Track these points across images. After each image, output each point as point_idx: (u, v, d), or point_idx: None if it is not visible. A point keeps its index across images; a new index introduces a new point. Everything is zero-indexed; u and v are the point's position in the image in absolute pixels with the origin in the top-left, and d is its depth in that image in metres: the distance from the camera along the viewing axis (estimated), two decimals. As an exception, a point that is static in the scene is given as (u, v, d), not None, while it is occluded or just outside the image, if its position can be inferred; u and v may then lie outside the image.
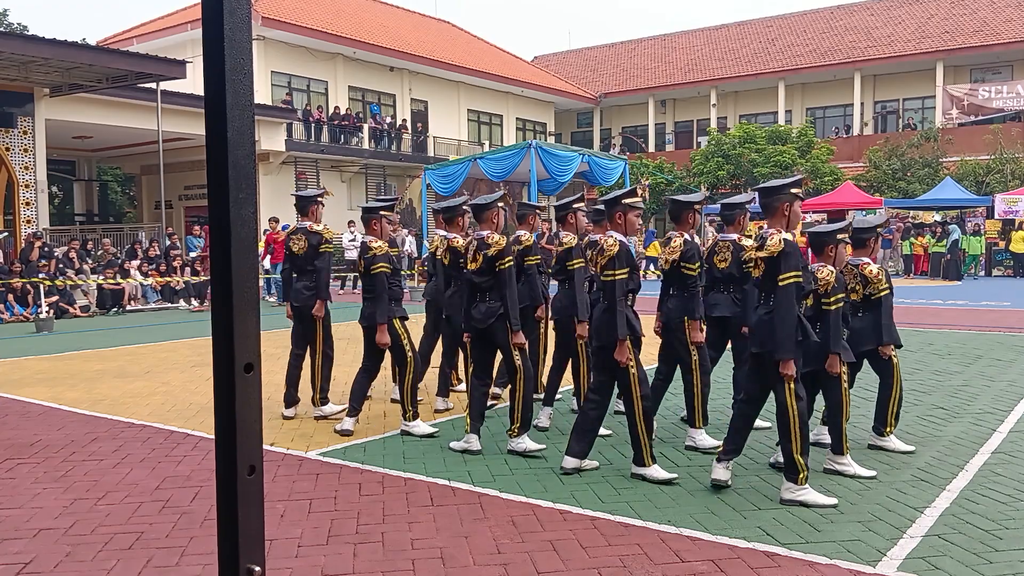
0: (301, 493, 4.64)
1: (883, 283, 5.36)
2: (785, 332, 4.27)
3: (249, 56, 1.10)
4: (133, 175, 28.35)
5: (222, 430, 1.12)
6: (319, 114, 26.62)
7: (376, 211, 6.20)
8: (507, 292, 5.34)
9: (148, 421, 6.48)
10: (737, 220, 6.04)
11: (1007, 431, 5.88)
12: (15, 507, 4.45)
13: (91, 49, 18.05)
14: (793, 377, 4.34)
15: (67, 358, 10.03)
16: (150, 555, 3.76)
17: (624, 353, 4.71)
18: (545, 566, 3.59)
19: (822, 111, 36.07)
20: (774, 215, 4.53)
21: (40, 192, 18.00)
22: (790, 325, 4.29)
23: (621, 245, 4.81)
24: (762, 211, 4.62)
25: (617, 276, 4.74)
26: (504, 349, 5.44)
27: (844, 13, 37.44)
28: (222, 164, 1.09)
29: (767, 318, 4.39)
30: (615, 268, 4.75)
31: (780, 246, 4.33)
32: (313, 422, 6.43)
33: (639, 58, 41.34)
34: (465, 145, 32.06)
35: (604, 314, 4.82)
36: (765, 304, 4.46)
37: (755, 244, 4.57)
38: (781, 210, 4.52)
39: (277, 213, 23.68)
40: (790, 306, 4.30)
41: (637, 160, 31.23)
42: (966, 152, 28.29)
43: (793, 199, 4.55)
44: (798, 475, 4.36)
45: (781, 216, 4.51)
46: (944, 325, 12.07)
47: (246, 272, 1.11)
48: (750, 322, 4.79)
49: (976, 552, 3.69)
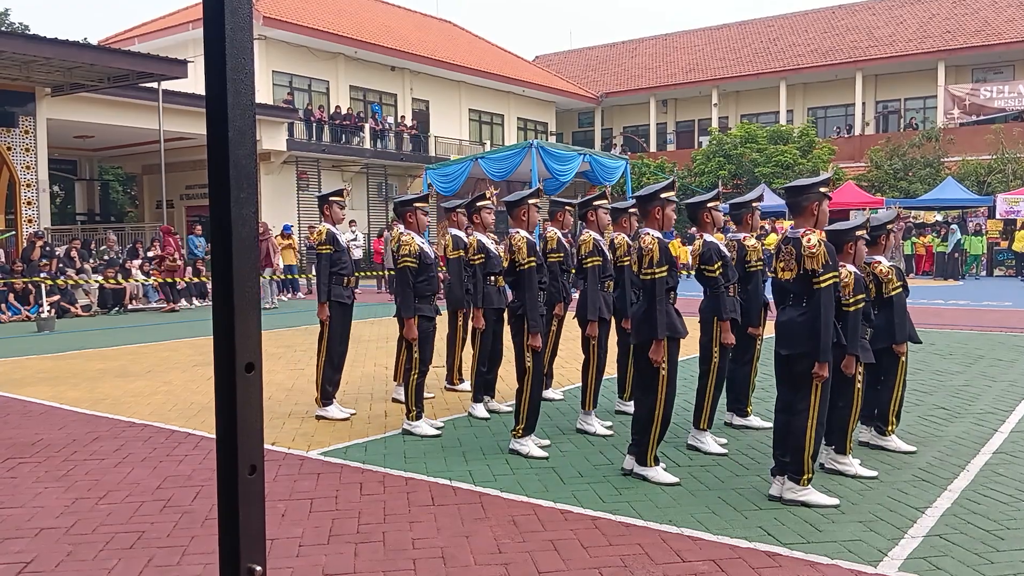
0: (302, 493, 4.64)
1: (895, 281, 5.35)
2: (827, 334, 4.22)
3: (250, 56, 1.10)
4: (134, 175, 28.35)
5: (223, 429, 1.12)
6: (320, 114, 26.62)
7: (410, 203, 6.17)
8: (527, 293, 5.33)
9: (149, 420, 6.48)
10: (745, 219, 6.05)
11: (1008, 431, 5.88)
12: (16, 506, 4.46)
13: (92, 49, 18.06)
14: (826, 379, 4.31)
15: (68, 357, 10.04)
16: (151, 554, 3.76)
17: (659, 353, 4.66)
18: (546, 566, 3.59)
19: (823, 111, 36.05)
20: (802, 214, 4.47)
21: (41, 191, 18.01)
22: (831, 327, 4.25)
23: (660, 242, 4.75)
24: (789, 210, 4.57)
25: (657, 274, 4.68)
26: (518, 348, 5.43)
27: (846, 13, 37.42)
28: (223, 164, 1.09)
29: (801, 319, 4.33)
30: (655, 266, 4.69)
31: (820, 247, 4.28)
32: (314, 422, 6.43)
33: (640, 58, 41.33)
34: (466, 145, 32.06)
35: (644, 312, 4.76)
36: (796, 306, 4.40)
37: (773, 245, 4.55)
38: (810, 209, 4.46)
39: (278, 212, 23.75)
40: (831, 307, 4.26)
41: (638, 160, 31.22)
42: (968, 152, 28.27)
43: (822, 198, 4.49)
44: (802, 476, 4.35)
45: (810, 215, 4.45)
46: (945, 325, 12.06)
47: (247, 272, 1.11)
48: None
49: (977, 552, 3.69)
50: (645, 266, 4.72)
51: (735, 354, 5.98)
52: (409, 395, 5.97)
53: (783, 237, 4.54)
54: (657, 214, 4.91)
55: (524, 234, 5.46)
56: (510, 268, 5.48)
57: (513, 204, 5.68)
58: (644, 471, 4.80)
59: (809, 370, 4.29)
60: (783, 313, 4.51)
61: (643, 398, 4.82)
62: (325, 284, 6.45)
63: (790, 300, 4.46)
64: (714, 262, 5.44)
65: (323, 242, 6.47)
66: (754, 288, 5.91)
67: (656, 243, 4.73)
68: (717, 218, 5.75)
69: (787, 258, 4.43)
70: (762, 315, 5.97)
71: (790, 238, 4.46)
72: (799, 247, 4.35)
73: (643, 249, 4.75)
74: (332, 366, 6.57)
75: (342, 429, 6.19)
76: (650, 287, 4.70)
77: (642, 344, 4.79)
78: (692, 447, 5.49)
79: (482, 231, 6.72)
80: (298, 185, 25.71)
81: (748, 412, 6.13)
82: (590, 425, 5.99)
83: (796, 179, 5.05)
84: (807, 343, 4.28)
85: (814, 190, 4.51)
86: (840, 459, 4.92)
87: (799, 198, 4.51)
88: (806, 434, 4.33)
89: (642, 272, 4.75)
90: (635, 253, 4.88)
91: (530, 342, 5.30)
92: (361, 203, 27.39)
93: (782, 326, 4.47)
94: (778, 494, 4.42)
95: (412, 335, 5.88)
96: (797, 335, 4.34)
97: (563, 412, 6.64)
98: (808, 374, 4.31)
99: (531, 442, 5.42)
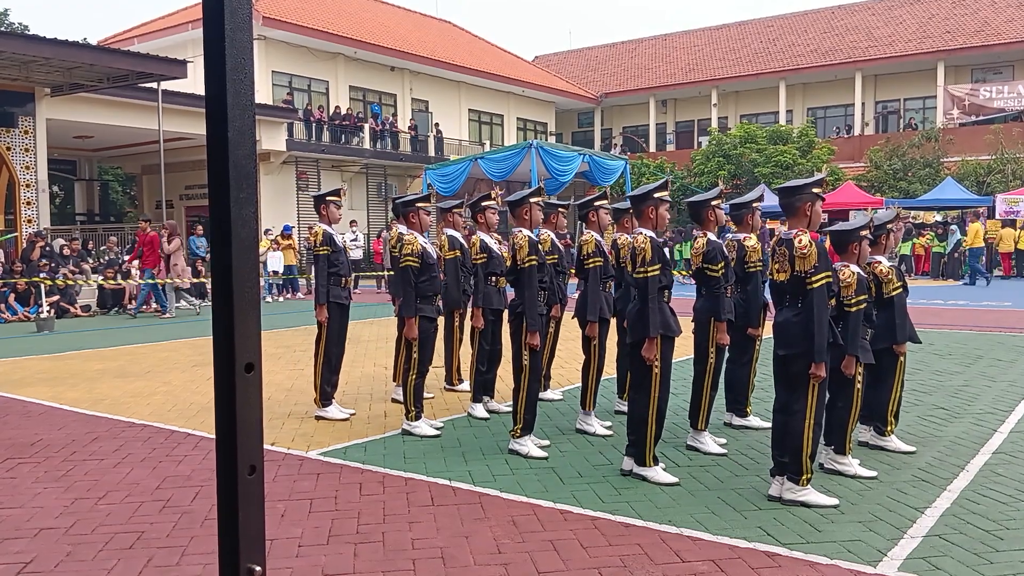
0: (302, 493, 4.64)
1: (895, 281, 5.36)
2: (822, 334, 4.24)
3: (250, 56, 1.10)
4: (134, 175, 28.34)
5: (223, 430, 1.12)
6: (320, 114, 26.62)
7: (412, 204, 6.18)
8: (526, 291, 5.34)
9: (149, 421, 6.48)
10: (746, 219, 6.05)
11: (1008, 431, 5.88)
12: (16, 506, 4.45)
13: (92, 49, 18.05)
14: (823, 379, 4.33)
15: (68, 358, 10.03)
16: (151, 555, 3.76)
17: (652, 351, 4.69)
18: (546, 566, 3.59)
19: (823, 111, 36.05)
20: (796, 215, 4.49)
21: (41, 192, 18.00)
22: (825, 327, 4.27)
23: (652, 240, 4.79)
24: (783, 211, 4.59)
25: (650, 273, 4.72)
26: (516, 347, 5.43)
27: (845, 13, 37.42)
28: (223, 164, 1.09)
29: (796, 320, 4.36)
30: (647, 265, 4.72)
31: (811, 248, 4.29)
32: (314, 422, 6.43)
33: (640, 58, 41.33)
34: (466, 145, 32.05)
35: (637, 311, 4.80)
36: (792, 307, 4.42)
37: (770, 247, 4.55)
38: (803, 210, 4.47)
39: (278, 213, 23.75)
40: (824, 308, 4.28)
41: (638, 160, 31.22)
42: (967, 152, 28.26)
43: (815, 199, 4.50)
44: (801, 476, 4.35)
45: (803, 216, 4.47)
46: (944, 325, 12.06)
47: (247, 272, 1.11)
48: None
49: (977, 552, 3.69)
50: (638, 265, 4.76)
51: (734, 354, 5.98)
52: (408, 395, 5.96)
53: (777, 239, 4.55)
54: (651, 214, 4.93)
55: (527, 233, 5.48)
56: (512, 267, 5.49)
57: (515, 203, 5.69)
58: (643, 471, 4.80)
59: (805, 370, 4.31)
60: (780, 314, 4.53)
61: (637, 397, 4.85)
62: (324, 286, 6.43)
63: (787, 301, 4.48)
64: (718, 261, 5.46)
65: (321, 243, 6.46)
66: (754, 289, 5.90)
67: (649, 242, 4.76)
68: (720, 216, 5.76)
69: (781, 259, 4.45)
70: (762, 316, 5.97)
71: (783, 239, 4.47)
72: (791, 248, 4.36)
73: (636, 248, 4.78)
74: (330, 367, 6.56)
75: (341, 429, 6.19)
76: (643, 286, 4.73)
77: (636, 343, 4.81)
78: (692, 448, 5.49)
79: (486, 231, 6.72)
80: (298, 185, 25.70)
81: (748, 412, 6.13)
82: (590, 425, 5.99)
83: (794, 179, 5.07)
84: (802, 343, 4.30)
85: (807, 191, 4.52)
86: (840, 459, 4.93)
87: (792, 199, 4.52)
88: (804, 434, 4.34)
89: (635, 271, 4.78)
90: (628, 252, 4.91)
91: (528, 340, 5.30)
92: (361, 203, 27.39)
93: (779, 327, 4.49)
94: (777, 494, 4.42)
95: (413, 335, 5.88)
96: (793, 336, 4.36)
97: (563, 412, 6.64)
98: (804, 374, 4.32)
99: (530, 442, 5.42)
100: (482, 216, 6.65)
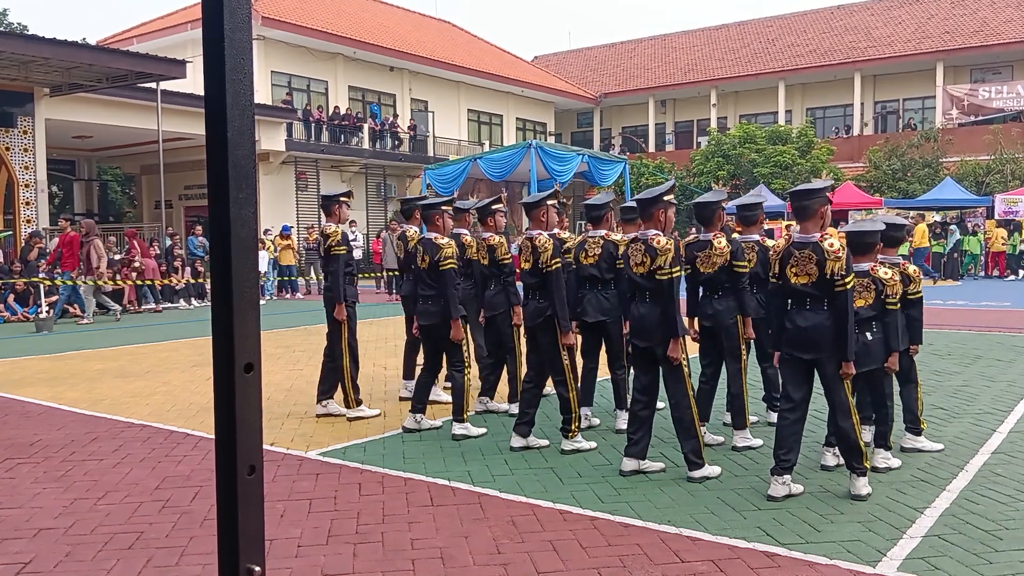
0: (301, 493, 4.64)
1: (919, 282, 5.45)
2: (852, 335, 4.36)
3: (249, 56, 1.10)
4: (133, 175, 28.32)
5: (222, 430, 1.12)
6: (319, 114, 26.61)
7: (437, 206, 6.19)
8: (555, 293, 5.35)
9: (148, 421, 6.48)
10: (759, 219, 6.09)
11: (1007, 431, 5.89)
12: (15, 507, 4.45)
13: (91, 49, 18.05)
14: (852, 376, 4.46)
15: (67, 358, 10.03)
16: (150, 555, 3.76)
17: (678, 350, 4.75)
18: (545, 566, 3.59)
19: (822, 111, 36.05)
20: (812, 218, 4.53)
21: (40, 192, 17.99)
22: (853, 327, 4.39)
23: (675, 242, 4.86)
24: (796, 215, 4.62)
25: (675, 274, 4.77)
26: (549, 349, 5.46)
27: (844, 13, 37.42)
28: (222, 164, 1.09)
29: (828, 323, 4.40)
30: (672, 266, 4.76)
31: (843, 251, 4.38)
32: (313, 422, 6.43)
33: (639, 58, 41.32)
34: (465, 145, 32.05)
35: (653, 314, 4.83)
36: (815, 310, 4.45)
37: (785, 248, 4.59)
38: (820, 213, 4.53)
39: (277, 213, 23.75)
40: (852, 309, 4.39)
41: (637, 160, 31.22)
42: (966, 152, 28.26)
43: (828, 202, 4.60)
44: (862, 458, 4.45)
45: (819, 219, 4.53)
46: (944, 325, 12.06)
47: (246, 272, 1.11)
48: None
49: (976, 552, 3.69)
50: (662, 265, 4.76)
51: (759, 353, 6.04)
52: (466, 397, 5.93)
53: (793, 242, 4.55)
54: (660, 216, 4.95)
55: (548, 235, 5.49)
56: (534, 269, 5.48)
57: (532, 205, 5.71)
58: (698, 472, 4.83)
59: (838, 371, 4.41)
60: (803, 317, 4.48)
61: (678, 401, 4.87)
62: (341, 285, 6.45)
63: (807, 305, 4.47)
64: (742, 258, 5.52)
65: (339, 243, 6.47)
66: None
67: (672, 243, 4.80)
68: (724, 218, 5.80)
69: (804, 263, 4.44)
70: None
71: (806, 243, 4.47)
72: (820, 252, 4.39)
73: (658, 249, 4.78)
74: (356, 364, 6.59)
75: (341, 429, 6.19)
76: (668, 287, 4.77)
77: (649, 347, 4.85)
78: (738, 449, 5.51)
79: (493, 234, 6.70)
80: (297, 185, 25.70)
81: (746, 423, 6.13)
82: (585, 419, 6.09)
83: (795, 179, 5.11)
84: (830, 345, 4.39)
85: (822, 194, 4.59)
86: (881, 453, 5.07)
87: (809, 202, 4.54)
88: (855, 429, 4.44)
89: (658, 272, 4.78)
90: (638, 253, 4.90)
91: (563, 340, 5.39)
92: (360, 203, 27.38)
93: (808, 332, 4.46)
94: (777, 495, 4.43)
95: (459, 336, 5.91)
96: (827, 340, 4.40)
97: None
98: (838, 375, 4.42)
99: (582, 437, 5.53)
100: (492, 219, 6.66)
